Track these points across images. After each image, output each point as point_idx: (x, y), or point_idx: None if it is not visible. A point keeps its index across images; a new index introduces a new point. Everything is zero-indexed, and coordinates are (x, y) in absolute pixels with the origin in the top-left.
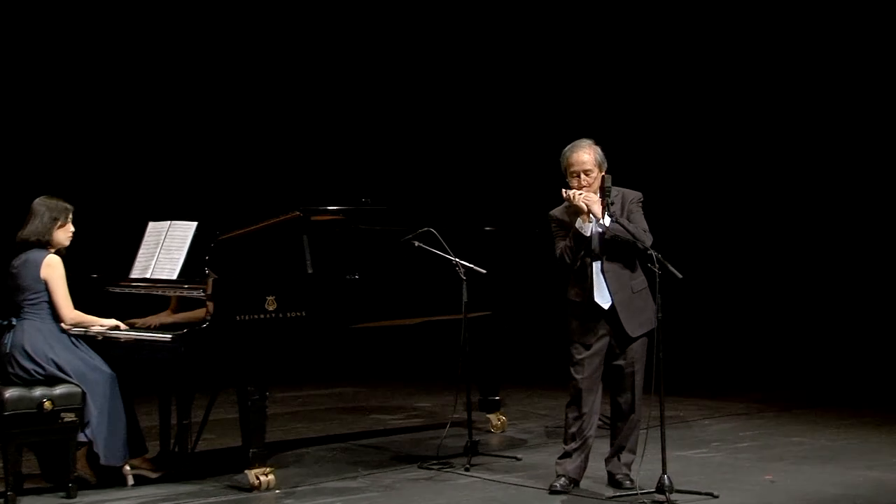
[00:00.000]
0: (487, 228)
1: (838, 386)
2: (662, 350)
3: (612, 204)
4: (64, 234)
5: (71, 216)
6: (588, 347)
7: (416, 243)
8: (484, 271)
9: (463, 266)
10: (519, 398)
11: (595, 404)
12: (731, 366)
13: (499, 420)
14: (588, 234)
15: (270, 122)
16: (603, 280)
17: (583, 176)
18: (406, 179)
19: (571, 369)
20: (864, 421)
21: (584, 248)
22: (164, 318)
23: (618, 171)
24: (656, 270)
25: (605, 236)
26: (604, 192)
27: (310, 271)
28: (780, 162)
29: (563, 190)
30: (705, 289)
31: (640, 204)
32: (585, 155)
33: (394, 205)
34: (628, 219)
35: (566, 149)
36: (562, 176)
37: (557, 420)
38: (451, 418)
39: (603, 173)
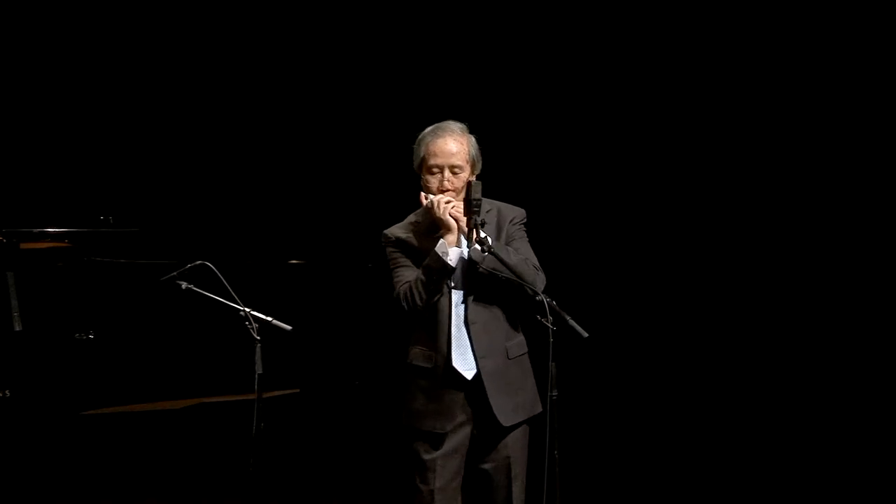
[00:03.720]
0: (294, 262)
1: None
2: (558, 447)
3: (484, 224)
4: None
5: None
6: (441, 442)
7: (184, 284)
8: (289, 328)
9: (256, 319)
10: None
11: None
12: (659, 469)
13: None
14: (455, 265)
15: None
16: (467, 336)
17: (447, 174)
18: (169, 188)
19: (416, 477)
20: None
21: (446, 286)
22: None
23: (489, 181)
24: (549, 325)
25: (478, 269)
26: (470, 206)
27: (17, 328)
28: (725, 179)
29: (422, 195)
30: (621, 355)
31: (524, 226)
32: (454, 143)
33: (150, 226)
34: (510, 248)
35: (425, 132)
36: (412, 178)
37: None
38: None
39: (473, 177)
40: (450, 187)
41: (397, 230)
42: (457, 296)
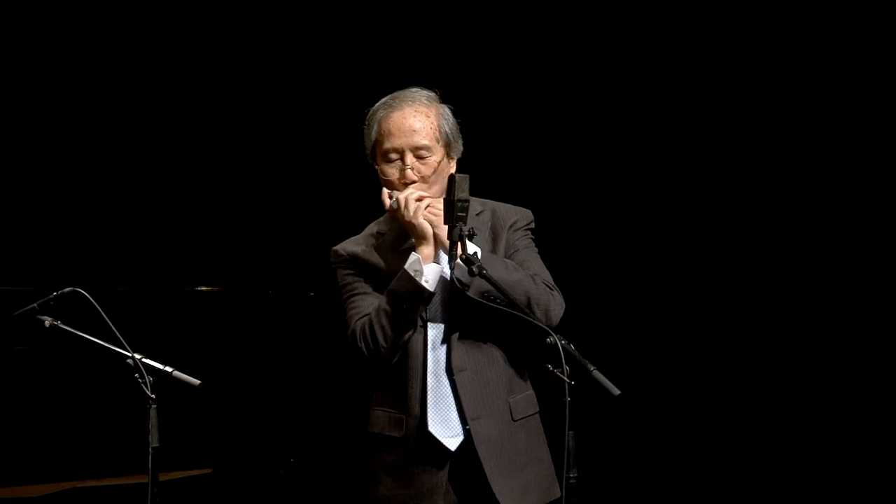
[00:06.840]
0: (205, 289)
1: None
2: None
3: (473, 235)
4: None
5: None
6: None
7: (48, 321)
8: (198, 382)
9: (150, 370)
10: None
11: None
12: None
13: None
14: (433, 288)
15: None
16: (450, 388)
17: (410, 159)
18: (24, 186)
19: None
20: None
21: (420, 318)
22: None
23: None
24: (565, 379)
25: (466, 291)
26: (454, 208)
27: None
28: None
29: (385, 193)
30: (663, 418)
31: (531, 232)
32: (416, 118)
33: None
34: (511, 261)
35: (377, 106)
36: (367, 173)
37: None
38: None
39: (453, 164)
40: (415, 177)
41: (353, 245)
42: (434, 332)
